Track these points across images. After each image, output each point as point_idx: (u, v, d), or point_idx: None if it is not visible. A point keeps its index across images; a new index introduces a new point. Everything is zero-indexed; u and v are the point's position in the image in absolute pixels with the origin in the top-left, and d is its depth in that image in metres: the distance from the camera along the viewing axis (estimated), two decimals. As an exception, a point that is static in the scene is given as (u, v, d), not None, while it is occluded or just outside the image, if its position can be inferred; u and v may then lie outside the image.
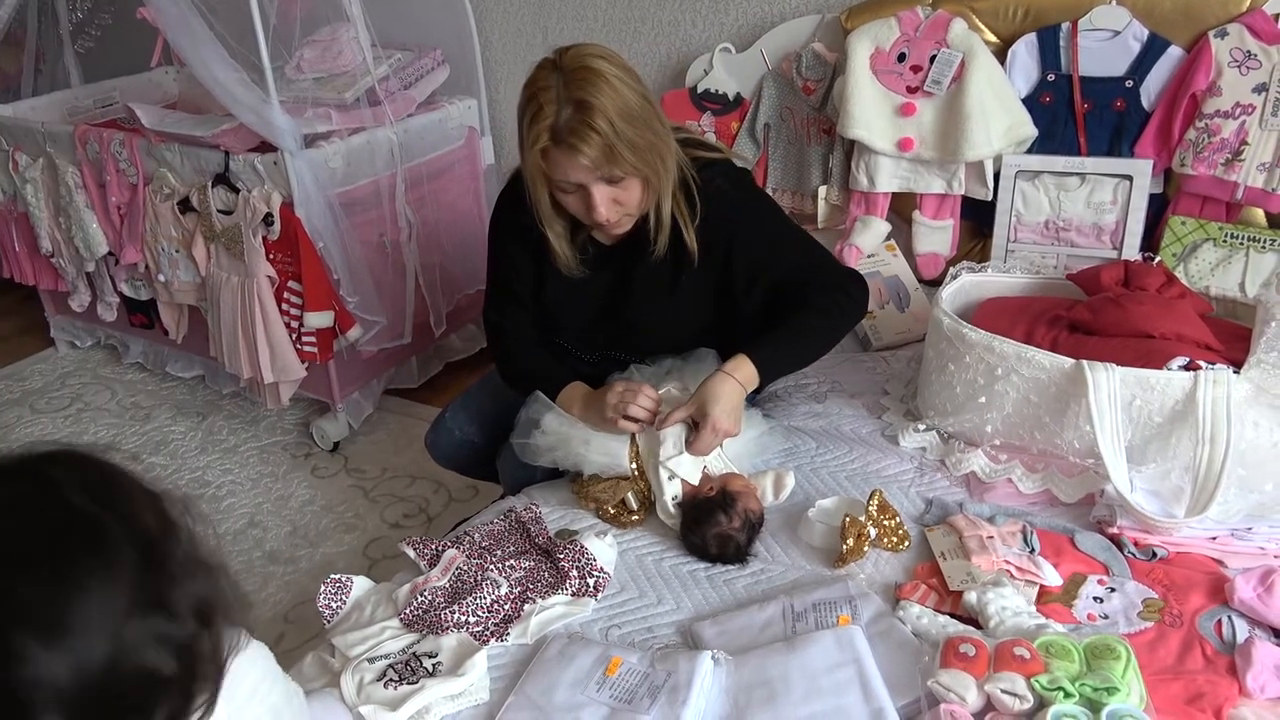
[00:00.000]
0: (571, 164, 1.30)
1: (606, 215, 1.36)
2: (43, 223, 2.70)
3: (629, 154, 1.30)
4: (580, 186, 1.34)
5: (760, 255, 1.48)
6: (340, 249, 2.29)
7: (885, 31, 1.96)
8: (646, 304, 1.53)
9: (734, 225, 1.46)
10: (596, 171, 1.31)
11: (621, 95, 1.29)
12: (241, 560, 2.13)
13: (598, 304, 1.56)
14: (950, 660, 1.05)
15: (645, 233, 1.45)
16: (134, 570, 0.68)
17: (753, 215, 1.49)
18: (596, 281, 1.53)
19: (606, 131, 1.27)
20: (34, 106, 2.80)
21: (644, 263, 1.48)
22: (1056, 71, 1.90)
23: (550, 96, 1.28)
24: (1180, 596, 1.19)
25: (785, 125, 2.21)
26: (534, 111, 1.30)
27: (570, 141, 1.28)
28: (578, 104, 1.27)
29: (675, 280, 1.49)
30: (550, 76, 1.29)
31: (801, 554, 1.35)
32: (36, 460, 0.71)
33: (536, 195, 1.40)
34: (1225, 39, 1.76)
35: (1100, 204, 1.88)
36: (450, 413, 1.77)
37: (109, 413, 2.75)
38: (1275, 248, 1.76)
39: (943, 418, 1.54)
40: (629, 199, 1.37)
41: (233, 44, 2.19)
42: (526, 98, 1.32)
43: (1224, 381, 1.29)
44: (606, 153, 1.29)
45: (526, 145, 1.32)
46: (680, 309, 1.53)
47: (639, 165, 1.32)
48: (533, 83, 1.32)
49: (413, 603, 1.26)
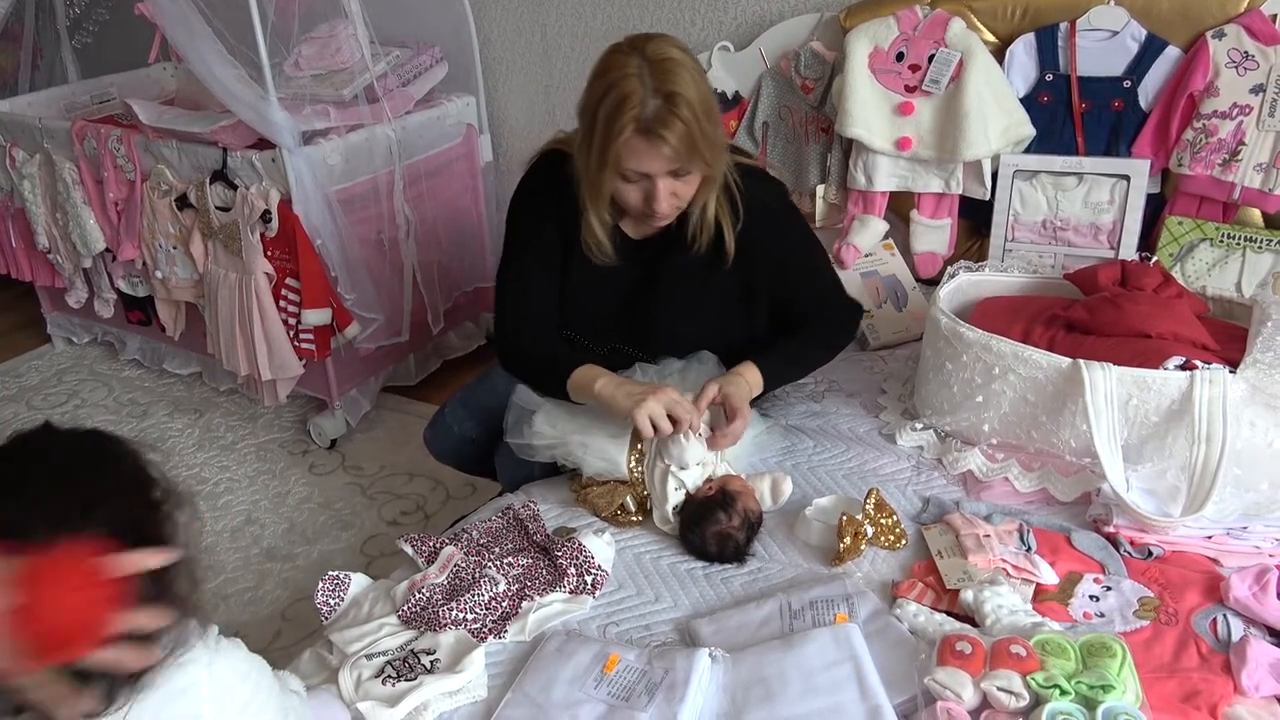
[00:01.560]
0: (653, 154, 1.31)
1: (666, 209, 1.37)
2: (40, 219, 2.69)
3: (705, 149, 1.32)
4: (646, 177, 1.35)
5: (784, 275, 1.54)
6: (338, 246, 2.29)
7: (884, 30, 1.97)
8: (673, 300, 1.53)
9: (770, 241, 1.49)
10: (674, 164, 1.32)
11: (700, 90, 1.31)
12: (239, 557, 2.13)
13: (621, 297, 1.55)
14: (947, 658, 1.06)
15: (675, 230, 1.47)
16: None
17: (788, 235, 1.54)
18: (623, 274, 1.52)
19: (691, 124, 1.28)
20: (31, 102, 2.79)
21: (675, 259, 1.49)
22: (1054, 71, 1.91)
23: (636, 85, 1.28)
24: (1176, 595, 1.20)
25: (783, 124, 2.22)
26: (619, 100, 1.28)
27: (659, 132, 1.28)
28: (667, 96, 1.27)
29: (705, 279, 1.50)
30: (633, 64, 1.29)
31: (799, 552, 1.35)
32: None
33: (600, 183, 1.37)
34: (1223, 40, 1.77)
35: (1097, 204, 1.89)
36: (449, 409, 1.77)
37: (106, 409, 2.75)
38: (1272, 248, 1.76)
39: (940, 416, 1.55)
40: (686, 193, 1.39)
41: (231, 40, 2.18)
42: (608, 85, 1.30)
43: (1220, 381, 1.30)
44: (689, 146, 1.30)
45: (609, 133, 1.30)
46: (704, 308, 1.54)
47: (710, 161, 1.34)
48: (611, 68, 1.31)
49: (411, 599, 1.26)
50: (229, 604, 2.00)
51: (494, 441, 1.66)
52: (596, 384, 1.41)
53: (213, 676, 0.84)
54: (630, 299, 1.55)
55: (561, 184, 1.45)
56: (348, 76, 2.38)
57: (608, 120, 1.30)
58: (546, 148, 1.55)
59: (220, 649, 0.88)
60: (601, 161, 1.34)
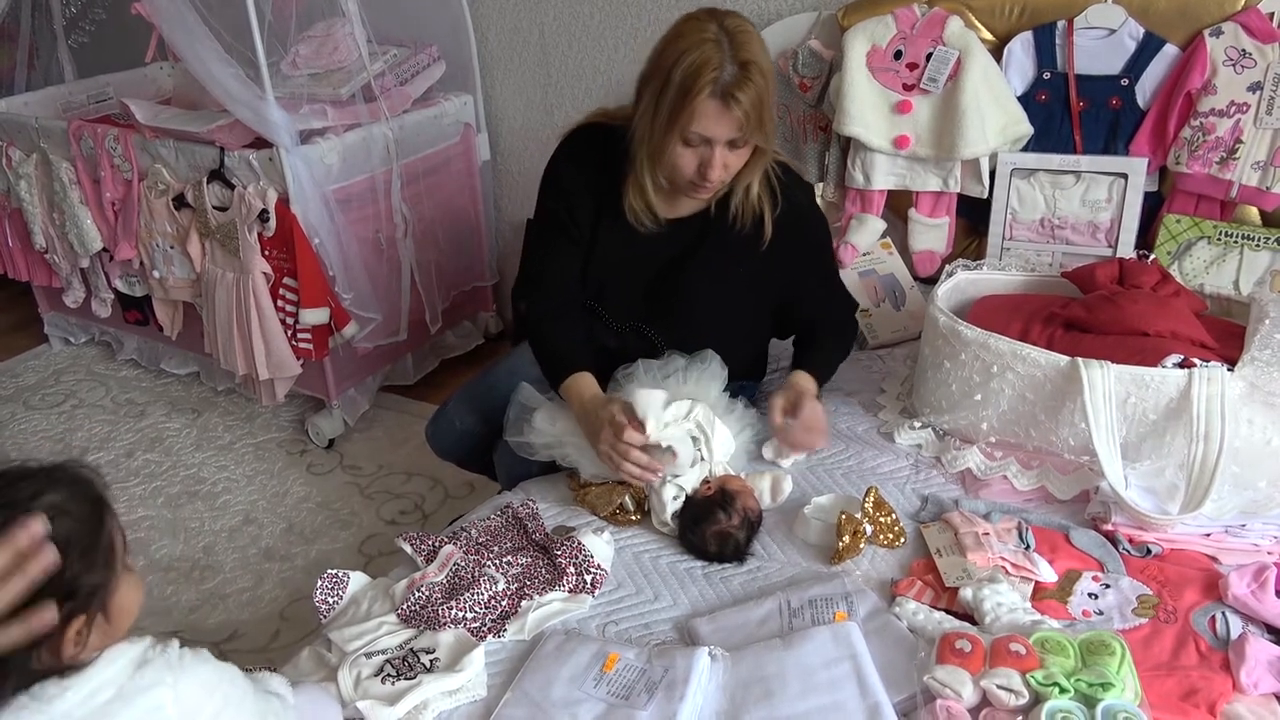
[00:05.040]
0: (724, 118, 1.33)
1: (720, 176, 1.40)
2: (36, 219, 2.69)
3: (767, 122, 1.37)
4: (706, 143, 1.37)
5: (803, 274, 1.59)
6: (336, 245, 2.29)
7: (882, 29, 1.96)
8: (699, 282, 1.56)
9: (798, 236, 1.55)
10: (740, 131, 1.35)
11: (770, 64, 1.36)
12: (237, 557, 2.12)
13: (649, 274, 1.58)
14: (946, 656, 1.06)
15: (712, 212, 1.51)
16: None
17: (816, 234, 1.61)
18: (653, 250, 1.55)
19: (764, 92, 1.33)
20: (27, 102, 2.79)
21: (709, 240, 1.52)
22: (1052, 69, 1.91)
23: (714, 51, 1.31)
24: (1175, 593, 1.20)
25: (781, 122, 2.21)
26: (698, 63, 1.31)
27: (735, 95, 1.31)
28: (743, 64, 1.31)
29: (735, 264, 1.54)
30: (711, 30, 1.33)
31: (798, 551, 1.35)
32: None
33: (666, 145, 1.39)
34: (1220, 38, 1.77)
35: (1095, 202, 1.89)
36: (452, 405, 1.77)
37: (103, 409, 2.74)
38: (1269, 245, 1.77)
39: (938, 415, 1.55)
40: (737, 165, 1.42)
41: (228, 39, 2.18)
42: (685, 47, 1.33)
43: (1218, 379, 1.30)
44: (758, 114, 1.34)
45: (685, 94, 1.32)
46: (727, 295, 1.57)
47: (769, 134, 1.39)
48: (688, 33, 1.34)
49: (410, 598, 1.26)
50: (227, 604, 1.99)
51: (494, 438, 1.66)
52: (573, 406, 1.50)
53: (178, 696, 0.84)
54: (658, 277, 1.58)
55: (601, 154, 1.49)
56: (345, 75, 2.37)
57: (684, 82, 1.32)
58: (586, 120, 1.57)
59: (184, 665, 0.87)
60: (671, 123, 1.36)
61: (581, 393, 1.49)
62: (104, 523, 0.85)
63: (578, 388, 1.50)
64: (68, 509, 0.81)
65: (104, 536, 0.84)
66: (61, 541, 0.79)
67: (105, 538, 0.84)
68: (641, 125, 1.41)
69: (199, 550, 2.15)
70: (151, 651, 0.86)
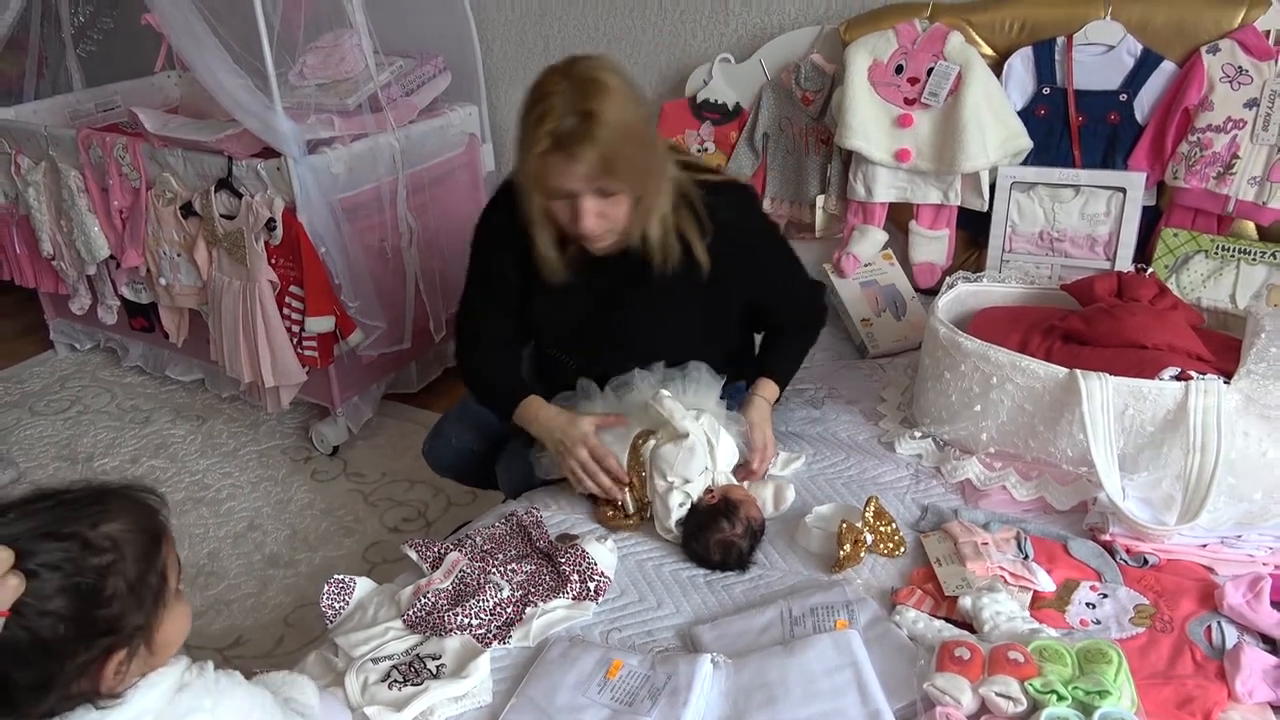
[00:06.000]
0: (568, 171, 1.31)
1: (591, 228, 1.37)
2: (44, 226, 2.71)
3: (625, 169, 1.32)
4: (571, 194, 1.35)
5: (760, 286, 1.57)
6: (342, 254, 2.31)
7: (883, 44, 1.99)
8: (641, 317, 1.54)
9: (740, 255, 1.50)
10: (591, 182, 1.32)
11: (626, 112, 1.31)
12: (241, 564, 2.14)
13: (588, 312, 1.56)
14: (945, 664, 1.07)
15: (639, 249, 1.46)
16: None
17: (757, 246, 1.56)
18: (591, 289, 1.53)
19: (607, 143, 1.28)
20: (36, 110, 2.81)
21: (642, 277, 1.49)
22: (1051, 85, 1.93)
23: (557, 102, 1.29)
24: (1171, 602, 1.21)
25: (784, 135, 2.24)
26: (539, 115, 1.30)
27: (571, 148, 1.29)
28: (583, 113, 1.28)
29: (675, 295, 1.50)
30: (559, 83, 1.31)
31: (799, 560, 1.37)
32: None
33: (529, 198, 1.40)
34: (1217, 55, 1.79)
35: (1094, 215, 1.91)
36: (448, 422, 1.79)
37: (108, 415, 2.76)
38: (1265, 260, 1.79)
39: (938, 425, 1.56)
40: (616, 214, 1.38)
41: (237, 50, 2.20)
42: (532, 100, 1.33)
43: (1214, 392, 1.31)
44: (604, 164, 1.30)
45: (527, 147, 1.33)
46: (676, 323, 1.55)
47: (632, 182, 1.34)
48: (540, 86, 1.33)
49: (416, 604, 1.27)
50: (231, 610, 2.01)
51: (492, 452, 1.67)
52: (533, 427, 1.52)
53: None
54: (598, 314, 1.56)
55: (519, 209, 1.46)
56: (352, 86, 2.39)
57: (528, 134, 1.32)
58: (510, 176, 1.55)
59: (220, 689, 0.88)
60: (528, 176, 1.36)
61: (537, 413, 1.51)
62: (158, 555, 0.85)
63: (531, 410, 1.52)
64: (124, 541, 0.82)
65: (154, 571, 0.85)
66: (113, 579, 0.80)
67: (156, 573, 0.85)
68: (520, 183, 1.40)
69: (203, 556, 2.16)
70: (189, 674, 0.87)
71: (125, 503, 0.85)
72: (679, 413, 1.43)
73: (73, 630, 0.78)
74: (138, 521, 0.84)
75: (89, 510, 0.82)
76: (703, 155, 2.31)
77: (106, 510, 0.83)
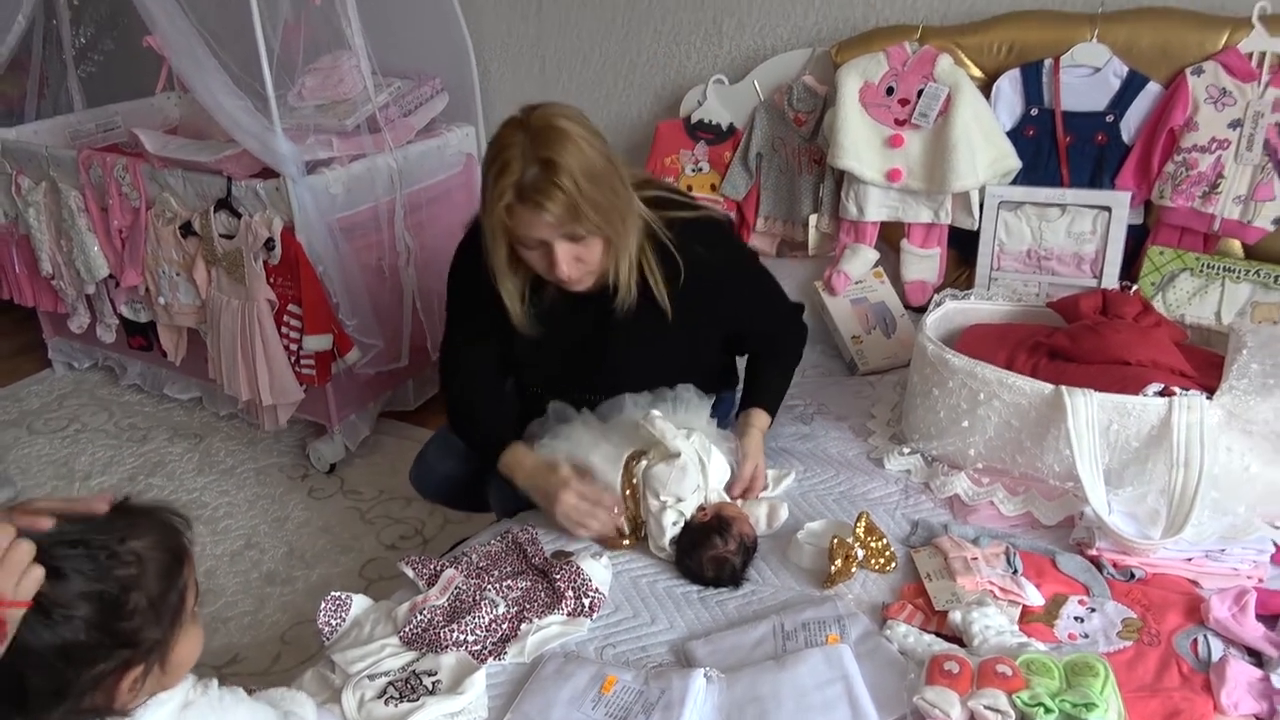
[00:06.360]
0: (535, 221, 1.32)
1: (569, 272, 1.38)
2: (44, 245, 2.73)
3: (592, 213, 1.32)
4: (543, 243, 1.36)
5: (736, 313, 1.59)
6: (340, 273, 2.33)
7: (874, 66, 2.02)
8: (627, 350, 1.55)
9: (714, 289, 1.51)
10: (560, 229, 1.33)
11: (586, 155, 1.31)
12: (238, 581, 2.15)
13: (571, 349, 1.57)
14: (935, 677, 1.09)
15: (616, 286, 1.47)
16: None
17: (731, 279, 1.55)
18: (572, 327, 1.54)
19: (571, 190, 1.29)
20: (37, 130, 2.84)
21: (621, 313, 1.49)
22: (1039, 106, 1.96)
23: (516, 154, 1.30)
24: (1158, 616, 1.23)
25: (777, 155, 2.27)
26: (500, 168, 1.31)
27: (535, 199, 1.30)
28: (544, 162, 1.29)
29: (652, 331, 1.51)
30: (516, 134, 1.31)
31: (791, 575, 1.38)
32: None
33: (494, 250, 1.40)
34: (1201, 76, 1.82)
35: (1080, 234, 1.93)
36: (431, 449, 1.79)
37: (106, 434, 2.77)
38: (1250, 278, 1.81)
39: (927, 441, 1.58)
40: (591, 257, 1.39)
41: (237, 71, 2.23)
42: (492, 155, 1.34)
43: (1197, 407, 1.33)
44: (570, 211, 1.31)
45: (490, 201, 1.33)
46: (657, 356, 1.57)
47: (601, 224, 1.35)
48: (498, 140, 1.33)
49: (412, 621, 1.28)
50: (228, 627, 2.01)
51: (478, 477, 1.67)
52: (518, 478, 1.51)
53: None
54: (580, 352, 1.57)
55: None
56: (350, 107, 2.42)
57: (492, 188, 1.32)
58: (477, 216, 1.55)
59: (225, 706, 0.89)
60: (493, 229, 1.37)
61: (523, 462, 1.51)
62: (180, 576, 0.87)
63: (516, 459, 1.51)
64: (148, 557, 0.84)
65: (175, 592, 0.86)
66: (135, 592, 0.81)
67: (176, 593, 0.86)
68: (484, 236, 1.41)
69: (200, 574, 2.11)
70: (194, 693, 0.89)
71: (152, 521, 0.87)
72: (670, 432, 1.44)
73: (94, 637, 0.79)
74: (162, 540, 0.86)
75: (117, 525, 0.84)
76: (696, 175, 2.34)
77: (134, 526, 0.84)
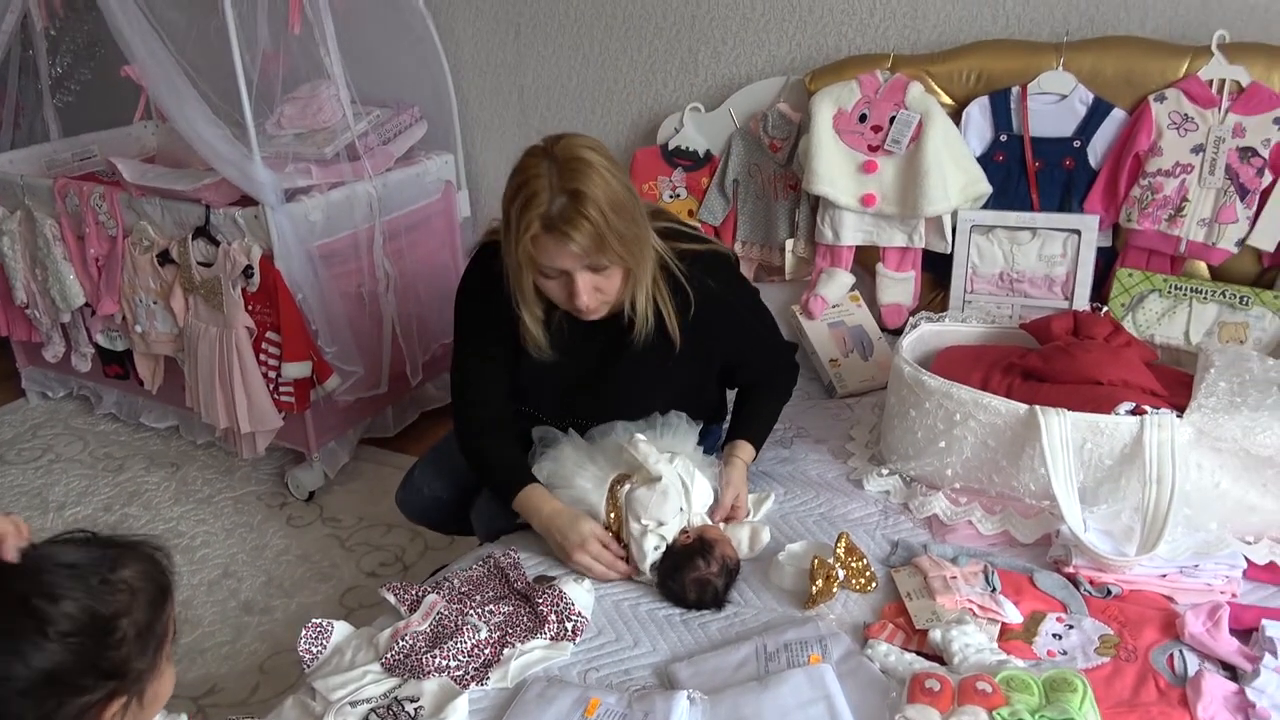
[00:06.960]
0: (561, 251, 1.34)
1: (588, 302, 1.40)
2: (18, 274, 2.71)
3: (616, 244, 1.34)
4: (564, 273, 1.37)
5: (738, 350, 1.62)
6: (319, 300, 2.33)
7: (847, 93, 2.06)
8: (633, 379, 1.56)
9: (720, 325, 1.53)
10: (585, 259, 1.35)
11: (611, 187, 1.33)
12: (216, 611, 2.12)
13: (578, 377, 1.58)
14: (916, 695, 1.10)
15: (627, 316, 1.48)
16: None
17: (737, 313, 1.59)
18: (579, 355, 1.55)
19: (598, 221, 1.31)
20: (12, 160, 2.82)
21: (630, 342, 1.50)
22: (1009, 132, 2.01)
23: (543, 184, 1.31)
24: (1134, 632, 1.24)
25: (753, 181, 2.30)
26: (526, 198, 1.32)
27: (562, 229, 1.31)
28: (571, 193, 1.31)
29: (659, 361, 1.53)
30: (542, 165, 1.33)
31: (773, 596, 1.39)
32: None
33: (520, 280, 1.42)
34: (1164, 103, 1.88)
35: (1050, 257, 1.97)
36: (418, 471, 1.79)
37: (81, 464, 2.74)
38: (1216, 299, 1.85)
39: (905, 462, 1.60)
40: (610, 287, 1.41)
41: (215, 100, 2.24)
42: (518, 185, 1.35)
43: (1168, 425, 1.36)
44: (596, 241, 1.32)
45: (518, 231, 1.34)
46: (661, 387, 1.58)
47: (624, 255, 1.37)
48: (523, 170, 1.35)
49: (394, 647, 1.28)
50: (206, 658, 1.99)
51: (464, 499, 1.68)
52: (534, 521, 1.51)
53: None
54: (587, 380, 1.58)
55: (500, 277, 1.47)
56: (329, 135, 2.44)
57: (518, 218, 1.34)
58: (484, 239, 1.58)
59: None
60: (519, 258, 1.38)
61: (540, 507, 1.50)
62: (165, 607, 0.88)
63: (534, 502, 1.51)
64: (138, 587, 0.85)
65: (161, 624, 0.87)
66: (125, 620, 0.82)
67: (161, 625, 0.87)
68: (507, 264, 1.42)
69: (177, 604, 2.12)
70: None
71: (139, 554, 0.88)
72: (653, 456, 1.45)
73: (84, 663, 0.80)
74: (150, 571, 0.88)
75: (108, 553, 0.85)
76: (674, 201, 2.37)
77: (123, 556, 0.86)
